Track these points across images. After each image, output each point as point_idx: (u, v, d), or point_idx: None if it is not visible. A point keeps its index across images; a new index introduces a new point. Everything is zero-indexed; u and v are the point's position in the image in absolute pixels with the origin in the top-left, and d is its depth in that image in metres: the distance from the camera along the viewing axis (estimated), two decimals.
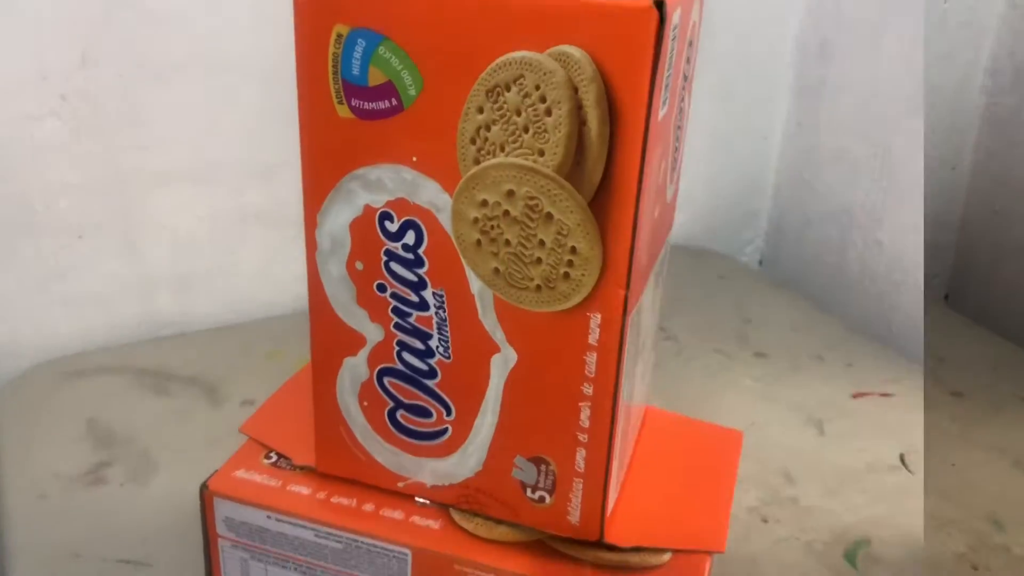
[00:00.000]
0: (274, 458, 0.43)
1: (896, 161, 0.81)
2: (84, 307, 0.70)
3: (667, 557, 0.37)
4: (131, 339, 0.71)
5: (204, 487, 0.41)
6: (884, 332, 0.83)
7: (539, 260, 0.32)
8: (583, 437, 0.35)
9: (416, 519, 0.39)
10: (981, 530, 0.54)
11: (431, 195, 0.34)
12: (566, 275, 0.32)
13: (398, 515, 0.39)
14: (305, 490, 0.40)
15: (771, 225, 0.97)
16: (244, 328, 0.73)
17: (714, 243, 0.94)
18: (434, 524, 0.39)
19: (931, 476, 0.58)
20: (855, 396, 0.69)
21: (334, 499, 0.40)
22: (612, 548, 0.37)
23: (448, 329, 0.35)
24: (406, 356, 0.37)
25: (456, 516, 0.39)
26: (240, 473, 0.41)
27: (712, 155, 0.92)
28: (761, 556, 0.53)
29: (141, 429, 0.61)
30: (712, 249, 0.93)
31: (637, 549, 0.37)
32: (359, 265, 0.36)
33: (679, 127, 0.37)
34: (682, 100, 0.36)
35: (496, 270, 0.33)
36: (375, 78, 0.32)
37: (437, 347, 0.36)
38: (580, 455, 0.35)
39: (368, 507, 0.39)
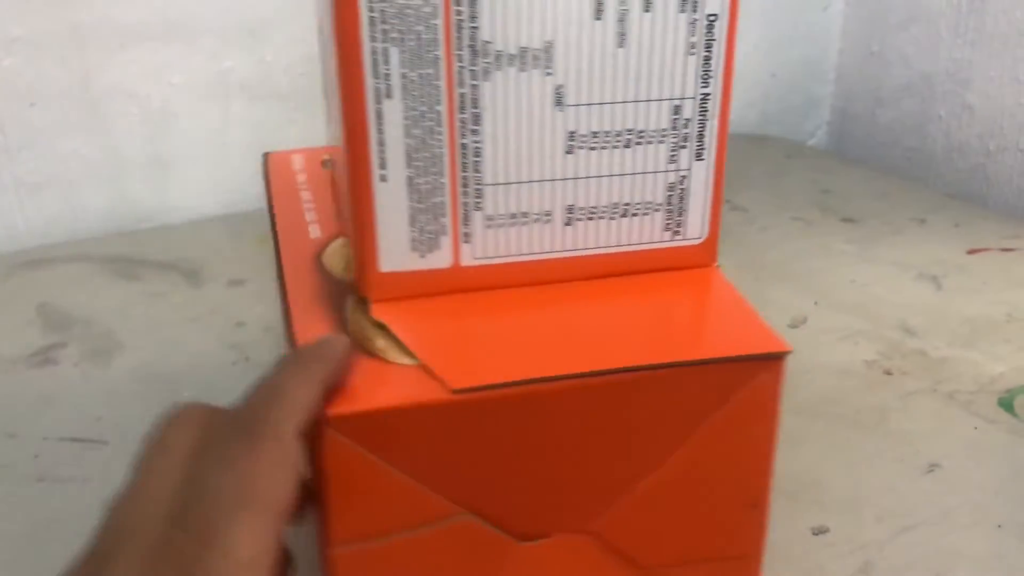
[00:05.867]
0: None
1: (989, 8, 0.69)
2: (41, 193, 0.59)
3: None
4: (100, 232, 0.60)
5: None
6: (980, 204, 0.71)
7: None
8: None
9: None
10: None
11: None
12: None
13: None
14: None
15: (835, 112, 0.85)
16: (233, 219, 0.61)
17: (771, 131, 0.82)
18: None
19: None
20: (971, 252, 0.56)
21: None
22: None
23: None
24: None
25: None
26: None
27: (764, 32, 0.80)
28: (892, 409, 0.41)
29: (103, 312, 0.50)
30: (771, 135, 0.81)
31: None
32: None
33: None
34: None
35: None
36: None
37: None
38: None
39: None
